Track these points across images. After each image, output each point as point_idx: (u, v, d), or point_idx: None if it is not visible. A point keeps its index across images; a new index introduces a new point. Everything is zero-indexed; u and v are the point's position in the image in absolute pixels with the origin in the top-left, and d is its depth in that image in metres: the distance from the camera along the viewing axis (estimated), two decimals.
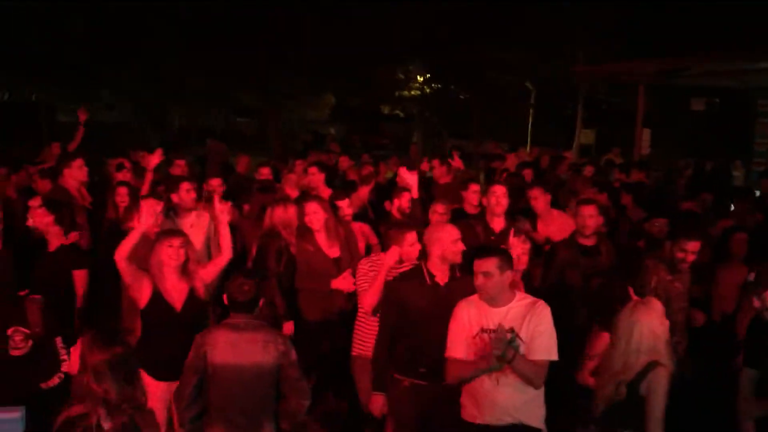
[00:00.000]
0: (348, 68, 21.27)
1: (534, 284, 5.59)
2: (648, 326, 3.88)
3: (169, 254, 4.54)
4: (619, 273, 5.50)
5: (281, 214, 5.82)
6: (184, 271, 4.63)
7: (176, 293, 4.60)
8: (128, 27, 18.10)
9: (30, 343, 4.27)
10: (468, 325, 3.97)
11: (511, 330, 3.85)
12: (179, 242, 4.60)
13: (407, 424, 4.48)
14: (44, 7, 17.20)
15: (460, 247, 4.50)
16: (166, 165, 8.36)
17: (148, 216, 4.66)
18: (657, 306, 3.99)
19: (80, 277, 5.59)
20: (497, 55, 20.59)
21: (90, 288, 5.92)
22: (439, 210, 6.05)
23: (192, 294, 4.63)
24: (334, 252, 5.83)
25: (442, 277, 4.50)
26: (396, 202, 6.56)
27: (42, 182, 7.27)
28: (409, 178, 6.05)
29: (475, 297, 4.03)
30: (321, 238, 5.81)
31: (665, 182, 10.41)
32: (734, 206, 7.91)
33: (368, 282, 4.91)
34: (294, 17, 19.43)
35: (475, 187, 6.94)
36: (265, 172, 8.42)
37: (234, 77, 20.97)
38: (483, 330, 3.91)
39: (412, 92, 24.98)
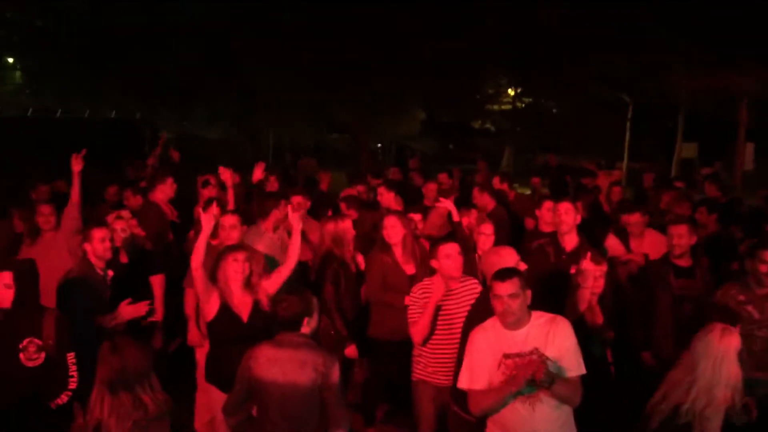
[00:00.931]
0: (438, 83, 21.26)
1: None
2: (735, 360, 3.71)
3: (235, 268, 4.64)
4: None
5: (332, 229, 5.80)
6: (248, 284, 4.72)
7: (242, 306, 4.69)
8: (225, 46, 18.78)
9: (43, 355, 4.19)
10: (489, 353, 3.80)
11: (536, 351, 3.70)
12: (243, 256, 4.70)
13: None
14: (147, 30, 18.07)
15: None
16: (261, 181, 8.57)
17: (207, 224, 4.70)
18: (737, 338, 3.77)
19: (157, 283, 5.78)
20: (591, 67, 20.06)
21: (174, 302, 6.14)
22: (485, 231, 5.86)
23: (257, 307, 4.69)
24: (409, 269, 5.80)
25: None
26: (465, 221, 6.49)
27: (134, 198, 7.57)
28: (446, 200, 5.96)
29: (489, 323, 3.89)
30: (398, 254, 5.80)
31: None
32: None
33: (419, 310, 4.79)
34: (385, 32, 19.61)
35: (548, 205, 6.74)
36: (361, 190, 8.52)
37: (327, 93, 21.37)
38: (506, 356, 3.74)
39: (503, 107, 24.74)
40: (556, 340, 3.74)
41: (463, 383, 3.86)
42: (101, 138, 18.02)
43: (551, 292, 4.89)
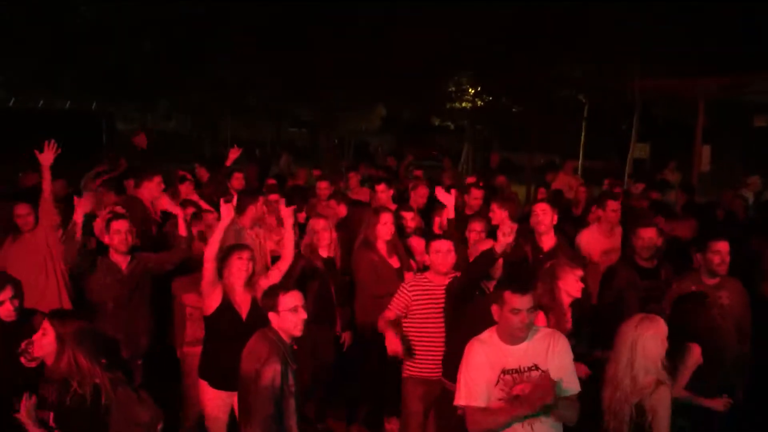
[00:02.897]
0: (399, 80, 21.29)
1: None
2: (651, 343, 3.90)
3: (239, 266, 4.71)
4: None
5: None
6: (249, 282, 4.77)
7: (243, 304, 4.72)
8: (187, 41, 18.48)
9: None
10: (487, 367, 3.64)
11: (535, 367, 3.63)
12: (248, 255, 4.78)
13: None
14: (106, 20, 17.67)
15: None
16: (226, 177, 8.48)
17: (227, 216, 4.80)
18: (660, 324, 3.95)
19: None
20: (551, 68, 20.35)
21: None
22: (476, 228, 5.98)
23: (255, 304, 4.73)
24: (395, 263, 5.95)
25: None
26: (437, 219, 6.60)
27: (106, 196, 7.30)
28: (444, 197, 6.04)
29: (486, 335, 3.76)
30: (383, 249, 5.86)
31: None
32: None
33: (398, 305, 4.98)
34: (346, 30, 19.58)
35: (476, 194, 7.27)
36: (323, 186, 8.45)
37: (288, 90, 21.23)
38: (505, 371, 3.63)
39: (463, 104, 24.85)
40: (555, 357, 3.65)
41: (460, 400, 3.72)
42: (56, 129, 17.51)
43: None
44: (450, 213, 6.08)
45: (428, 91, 23.63)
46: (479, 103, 24.62)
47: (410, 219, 6.48)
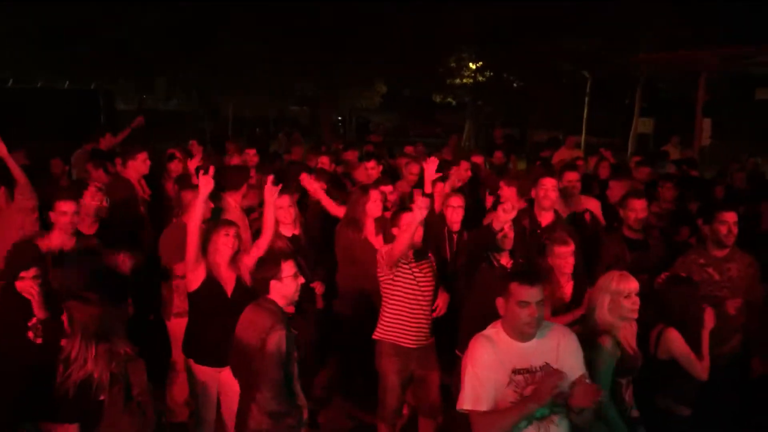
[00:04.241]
0: (400, 57, 21.14)
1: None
2: (597, 295, 3.97)
3: (225, 242, 4.65)
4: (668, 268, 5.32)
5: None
6: (233, 260, 4.72)
7: (228, 280, 4.69)
8: (186, 18, 18.35)
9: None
10: (496, 367, 3.31)
11: (547, 366, 3.33)
12: (234, 232, 4.72)
13: None
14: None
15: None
16: (222, 153, 8.37)
17: (205, 187, 4.63)
18: (622, 284, 3.89)
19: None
20: (553, 43, 20.15)
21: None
22: (453, 203, 5.83)
23: (239, 281, 4.71)
24: (378, 243, 5.76)
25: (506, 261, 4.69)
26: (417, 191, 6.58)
27: (95, 173, 7.29)
28: (429, 169, 5.97)
29: (492, 331, 3.42)
30: (370, 228, 5.77)
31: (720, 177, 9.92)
32: None
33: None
34: (347, 7, 19.42)
35: (466, 165, 7.30)
36: (325, 162, 8.37)
37: (289, 67, 21.12)
38: (515, 371, 3.31)
39: (464, 80, 24.69)
40: (567, 356, 3.39)
41: (465, 404, 3.34)
42: (55, 108, 17.47)
43: None
44: (426, 188, 5.99)
45: (429, 67, 23.46)
46: (480, 78, 24.48)
47: (389, 193, 6.35)
